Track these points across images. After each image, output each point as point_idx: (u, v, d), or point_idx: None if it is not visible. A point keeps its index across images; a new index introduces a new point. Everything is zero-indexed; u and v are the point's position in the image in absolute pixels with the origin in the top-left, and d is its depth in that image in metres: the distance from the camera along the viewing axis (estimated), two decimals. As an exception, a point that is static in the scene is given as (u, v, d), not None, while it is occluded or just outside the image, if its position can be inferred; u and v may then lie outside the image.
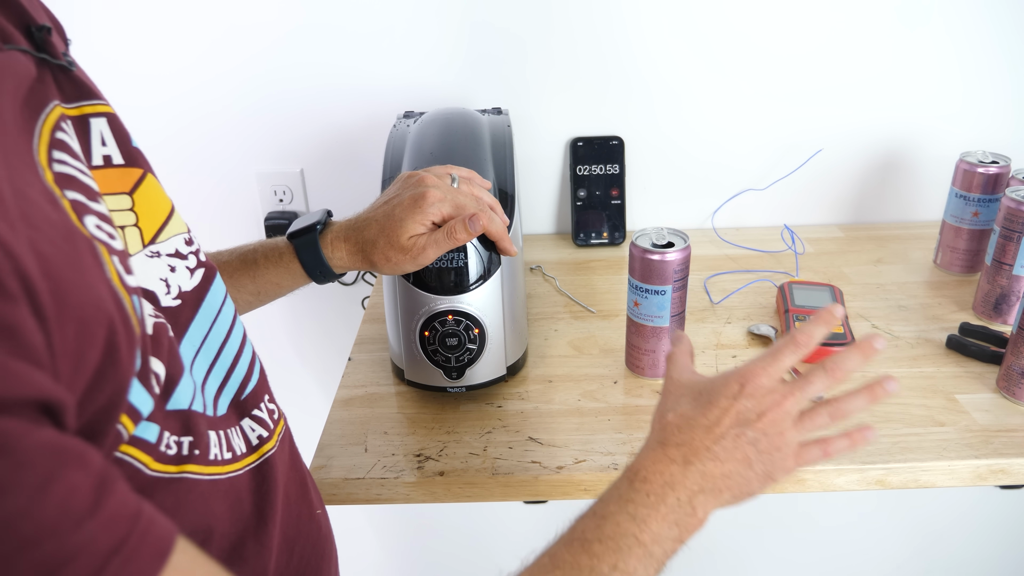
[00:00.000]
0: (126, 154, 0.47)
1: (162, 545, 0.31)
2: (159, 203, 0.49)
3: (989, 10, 1.09)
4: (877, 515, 1.46)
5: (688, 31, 1.11)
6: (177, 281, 0.48)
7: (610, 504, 0.50)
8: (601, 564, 0.46)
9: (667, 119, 1.16)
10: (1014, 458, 0.71)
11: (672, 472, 0.51)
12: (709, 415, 0.53)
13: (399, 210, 0.71)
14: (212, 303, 0.50)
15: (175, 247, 0.49)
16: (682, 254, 0.78)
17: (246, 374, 0.53)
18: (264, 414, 0.54)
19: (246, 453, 0.50)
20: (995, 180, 0.99)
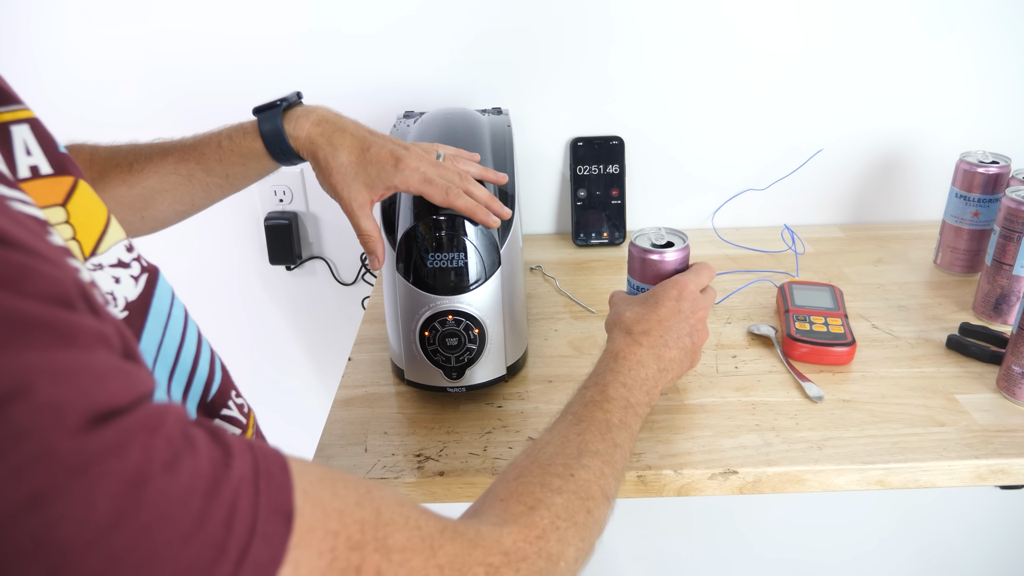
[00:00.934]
0: (54, 162, 0.43)
1: (281, 459, 0.35)
2: (95, 211, 0.45)
3: (989, 10, 1.09)
4: (877, 515, 1.46)
5: (688, 31, 1.11)
6: (123, 292, 0.46)
7: (605, 375, 0.63)
8: (612, 417, 0.59)
9: (667, 119, 1.16)
10: (1014, 458, 0.71)
11: (641, 354, 0.66)
12: (660, 312, 0.69)
13: (374, 150, 0.72)
14: (160, 308, 0.48)
15: (117, 256, 0.46)
16: (682, 254, 0.78)
17: (208, 374, 0.52)
18: (234, 411, 0.54)
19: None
20: (995, 180, 0.99)
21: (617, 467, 0.56)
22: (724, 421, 0.77)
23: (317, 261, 1.27)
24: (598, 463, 0.54)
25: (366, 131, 0.74)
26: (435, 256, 0.75)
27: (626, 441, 0.58)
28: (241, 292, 1.29)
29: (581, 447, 0.55)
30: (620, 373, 0.63)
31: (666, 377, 0.68)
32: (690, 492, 0.72)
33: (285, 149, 0.74)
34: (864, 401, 0.80)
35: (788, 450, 0.73)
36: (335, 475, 0.38)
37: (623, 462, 0.57)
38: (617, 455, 0.56)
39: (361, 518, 0.37)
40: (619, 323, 0.70)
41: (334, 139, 0.72)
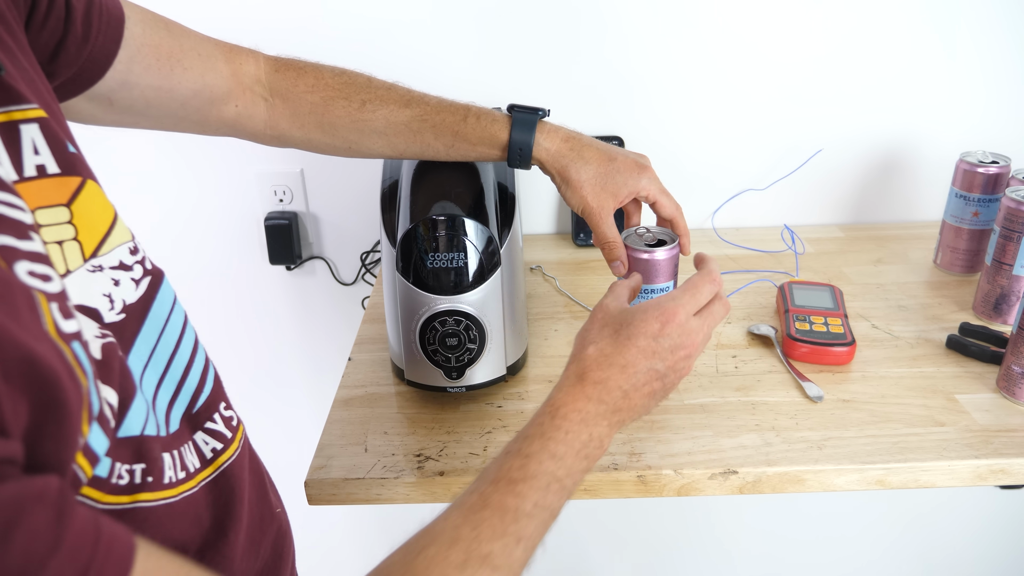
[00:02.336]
0: (62, 161, 0.43)
1: (124, 560, 0.32)
2: (101, 212, 0.45)
3: (989, 10, 1.09)
4: (877, 515, 1.46)
5: (688, 31, 1.11)
6: (121, 295, 0.46)
7: (534, 442, 0.54)
8: (525, 503, 0.50)
9: (667, 119, 1.16)
10: (1014, 458, 0.71)
11: (588, 410, 0.56)
12: (626, 355, 0.58)
13: (620, 161, 0.77)
14: (159, 312, 0.48)
15: (119, 258, 0.46)
16: (671, 253, 0.78)
17: (198, 384, 0.51)
18: (220, 425, 0.53)
19: (200, 468, 0.49)
20: (995, 180, 0.99)
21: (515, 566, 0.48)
22: (724, 421, 0.77)
23: (317, 261, 1.27)
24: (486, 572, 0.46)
25: (608, 146, 0.79)
26: (435, 256, 0.75)
27: (538, 528, 0.50)
28: (241, 292, 1.29)
29: (470, 550, 0.46)
30: (552, 440, 0.53)
31: (620, 425, 0.58)
32: (690, 492, 0.72)
33: (525, 155, 0.77)
34: (864, 401, 0.80)
35: (788, 450, 0.73)
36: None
37: (527, 555, 0.49)
38: (518, 551, 0.48)
39: None
40: (579, 358, 0.59)
41: (584, 153, 0.77)
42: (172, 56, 0.64)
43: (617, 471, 0.71)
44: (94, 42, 0.55)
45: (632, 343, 0.58)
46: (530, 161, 0.78)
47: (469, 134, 0.77)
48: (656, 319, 0.59)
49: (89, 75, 0.57)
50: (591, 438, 0.55)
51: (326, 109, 0.75)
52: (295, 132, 0.76)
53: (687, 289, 0.62)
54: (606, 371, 0.57)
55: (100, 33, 0.56)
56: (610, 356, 0.58)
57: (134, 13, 0.61)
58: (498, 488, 0.50)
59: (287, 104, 0.74)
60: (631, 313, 0.60)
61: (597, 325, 0.61)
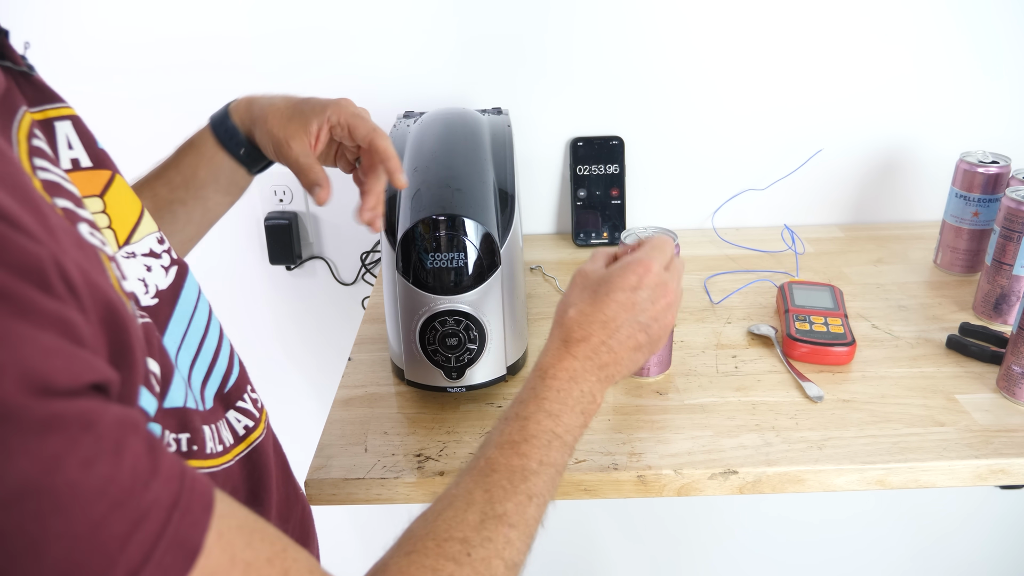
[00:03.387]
0: (93, 156, 0.47)
1: (207, 497, 0.35)
2: (130, 203, 0.49)
3: (989, 10, 1.09)
4: (877, 515, 1.46)
5: (688, 31, 1.11)
6: (154, 280, 0.49)
7: (528, 405, 0.56)
8: (530, 462, 0.52)
9: (667, 119, 1.16)
10: (1014, 458, 0.71)
11: (575, 368, 0.58)
12: (606, 310, 0.60)
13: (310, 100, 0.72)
14: (188, 298, 0.51)
15: (149, 247, 0.49)
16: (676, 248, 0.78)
17: (227, 367, 0.55)
18: (248, 404, 0.56)
19: (234, 444, 0.53)
20: (995, 180, 0.99)
21: (530, 523, 0.51)
22: (724, 421, 0.77)
23: (317, 261, 1.27)
24: (503, 530, 0.49)
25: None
26: (435, 256, 0.75)
27: (546, 485, 0.53)
28: (241, 292, 1.29)
29: (485, 511, 0.49)
30: (546, 400, 0.56)
31: (610, 383, 0.60)
32: (690, 492, 0.72)
33: (231, 131, 0.74)
34: (864, 401, 0.80)
35: (788, 450, 0.73)
36: (257, 526, 0.38)
37: (539, 512, 0.52)
38: (531, 509, 0.51)
39: (267, 574, 0.37)
40: (561, 322, 0.61)
41: (272, 98, 0.73)
42: None
43: (617, 471, 0.71)
44: None
45: (611, 299, 0.60)
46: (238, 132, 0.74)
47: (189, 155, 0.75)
48: (632, 273, 0.61)
49: None
50: (583, 393, 0.57)
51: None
52: None
53: (653, 246, 0.65)
54: (588, 328, 0.59)
55: None
56: (590, 314, 0.60)
57: None
58: (503, 452, 0.53)
59: None
60: (608, 272, 0.63)
61: (576, 289, 0.63)
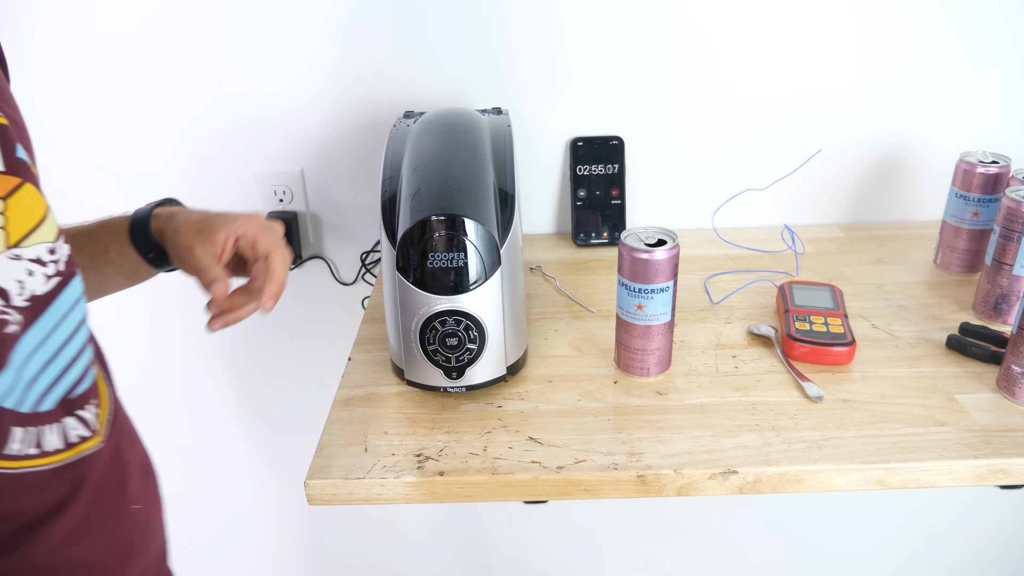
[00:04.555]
0: (8, 164, 0.51)
1: None
2: (31, 211, 0.53)
3: (989, 10, 1.09)
4: (877, 515, 1.46)
5: (688, 31, 1.11)
6: (31, 285, 0.53)
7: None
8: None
9: (667, 119, 1.16)
10: (1014, 458, 0.71)
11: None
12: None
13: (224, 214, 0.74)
14: (60, 307, 0.55)
15: (37, 254, 0.53)
16: (671, 253, 0.78)
17: (79, 376, 0.57)
18: (90, 414, 0.58)
19: (61, 449, 0.55)
20: (995, 180, 0.99)
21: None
22: (724, 421, 0.77)
23: (317, 261, 1.27)
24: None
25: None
26: (435, 256, 0.75)
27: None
28: (241, 292, 1.29)
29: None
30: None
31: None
32: (690, 492, 0.72)
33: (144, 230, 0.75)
34: (864, 401, 0.80)
35: (788, 450, 0.73)
36: None
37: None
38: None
39: None
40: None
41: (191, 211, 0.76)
42: None
43: (617, 471, 0.71)
44: None
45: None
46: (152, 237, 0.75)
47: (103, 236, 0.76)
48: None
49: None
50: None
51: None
52: None
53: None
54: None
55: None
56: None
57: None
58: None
59: None
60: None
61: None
